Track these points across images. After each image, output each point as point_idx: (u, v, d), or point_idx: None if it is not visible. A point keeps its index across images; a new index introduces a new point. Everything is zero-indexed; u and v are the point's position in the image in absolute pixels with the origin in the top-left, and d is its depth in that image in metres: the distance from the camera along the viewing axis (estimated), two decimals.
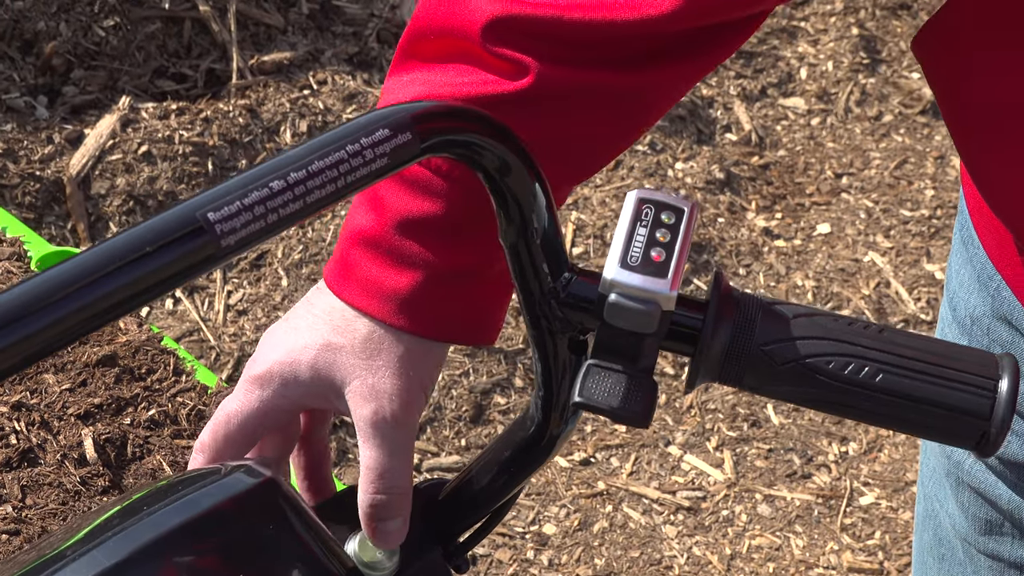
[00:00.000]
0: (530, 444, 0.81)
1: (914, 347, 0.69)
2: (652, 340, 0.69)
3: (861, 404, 0.69)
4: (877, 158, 3.01)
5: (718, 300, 0.70)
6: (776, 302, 0.71)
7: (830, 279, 2.74)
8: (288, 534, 0.72)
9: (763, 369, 0.69)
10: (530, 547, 2.22)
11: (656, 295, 0.67)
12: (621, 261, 0.68)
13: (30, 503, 1.28)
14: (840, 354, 0.68)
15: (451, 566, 0.89)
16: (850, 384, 0.68)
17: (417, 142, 0.65)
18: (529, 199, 0.70)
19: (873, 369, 0.68)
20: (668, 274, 0.68)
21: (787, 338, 0.69)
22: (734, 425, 2.44)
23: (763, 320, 0.69)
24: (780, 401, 0.73)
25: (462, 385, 2.42)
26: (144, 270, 0.57)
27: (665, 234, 0.69)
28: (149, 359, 1.46)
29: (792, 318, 0.70)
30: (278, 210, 0.61)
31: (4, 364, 0.54)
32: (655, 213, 0.69)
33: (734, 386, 0.71)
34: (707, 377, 0.71)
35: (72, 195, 2.51)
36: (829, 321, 0.70)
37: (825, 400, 0.69)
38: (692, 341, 0.70)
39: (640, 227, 0.69)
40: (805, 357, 0.69)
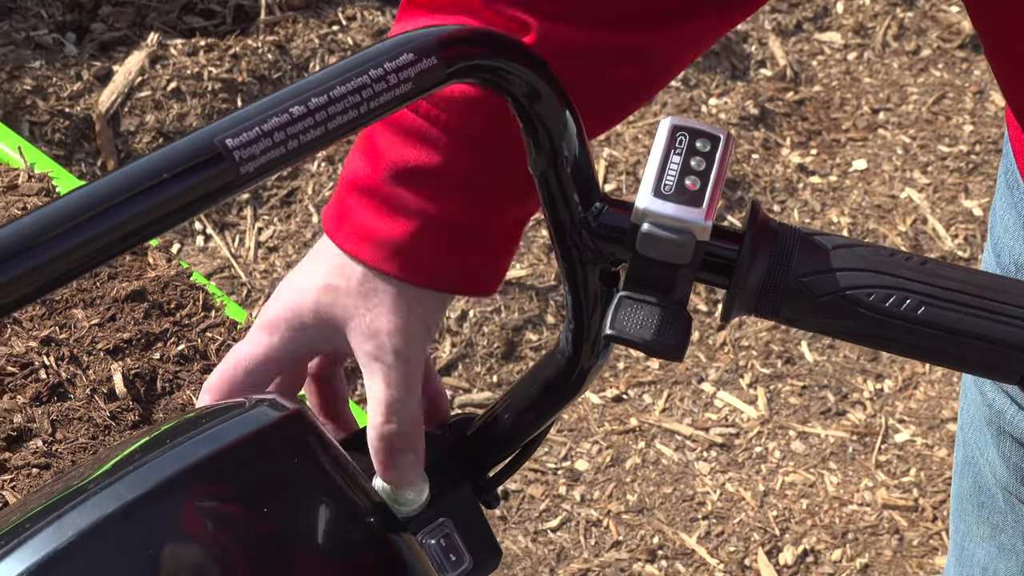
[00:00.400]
0: (560, 379, 0.79)
1: (958, 279, 0.67)
2: (686, 271, 0.67)
3: (902, 338, 0.67)
4: (915, 93, 2.96)
5: (754, 230, 0.68)
6: (815, 233, 0.69)
7: (866, 216, 2.70)
8: (314, 467, 0.71)
9: (801, 302, 0.67)
10: (562, 483, 2.22)
11: (690, 225, 0.65)
12: (654, 190, 0.66)
13: (60, 437, 1.28)
14: (881, 286, 0.66)
15: (481, 501, 0.88)
16: (891, 317, 0.66)
17: (443, 67, 0.63)
18: (559, 127, 0.68)
19: (915, 301, 0.66)
20: (703, 203, 0.66)
21: (826, 270, 0.67)
22: (768, 362, 2.43)
23: (801, 251, 0.67)
24: (818, 334, 0.72)
25: (493, 322, 2.41)
26: (161, 197, 0.56)
27: (700, 162, 0.67)
28: (178, 294, 1.45)
29: (831, 249, 0.68)
30: (298, 136, 0.59)
31: (22, 291, 0.53)
32: (690, 141, 0.67)
33: (771, 319, 0.69)
34: (743, 310, 0.69)
35: (101, 132, 2.50)
36: (870, 252, 0.68)
37: (864, 334, 0.67)
38: (727, 273, 0.68)
39: (674, 155, 0.67)
40: (844, 289, 0.67)
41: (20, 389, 1.31)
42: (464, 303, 2.44)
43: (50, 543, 0.65)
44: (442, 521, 0.84)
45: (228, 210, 2.51)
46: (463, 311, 2.43)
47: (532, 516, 2.17)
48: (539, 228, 2.57)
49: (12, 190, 1.58)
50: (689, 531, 2.17)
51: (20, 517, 0.70)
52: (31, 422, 1.28)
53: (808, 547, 2.16)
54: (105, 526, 0.66)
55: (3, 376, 1.32)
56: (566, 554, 2.13)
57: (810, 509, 2.21)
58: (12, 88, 2.50)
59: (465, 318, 2.42)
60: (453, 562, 0.84)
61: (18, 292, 0.53)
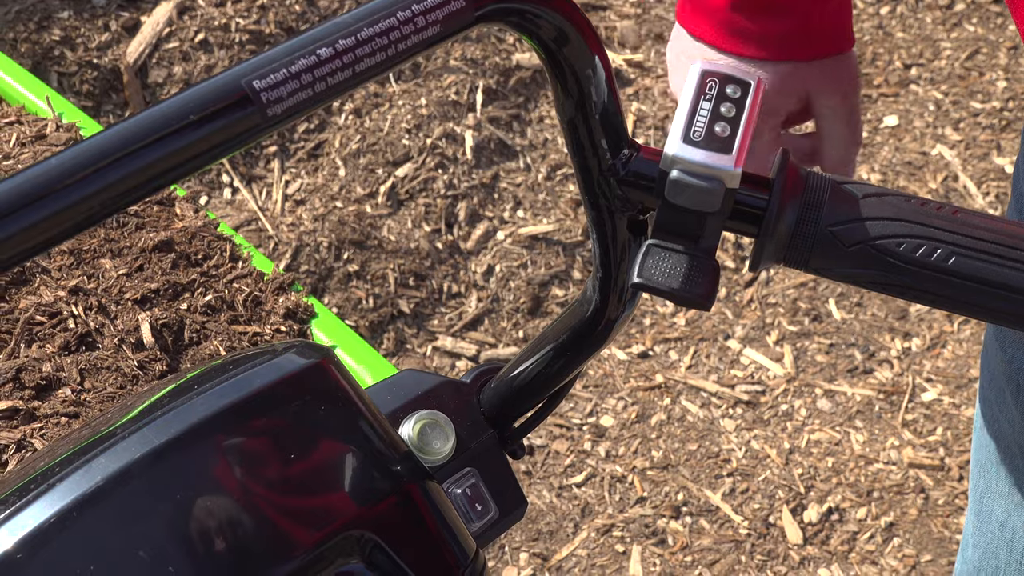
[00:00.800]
0: (587, 328, 0.79)
1: (990, 229, 0.66)
2: (715, 219, 0.66)
3: (932, 288, 0.66)
4: (948, 48, 2.92)
5: (784, 179, 0.67)
6: (846, 181, 0.68)
7: (896, 172, 2.68)
8: (340, 415, 0.71)
9: (830, 251, 0.66)
10: (587, 438, 2.22)
11: (720, 172, 0.65)
12: (684, 136, 0.65)
13: (88, 387, 1.29)
14: (911, 235, 0.65)
15: (506, 452, 0.88)
16: (920, 267, 0.65)
17: (471, 9, 0.62)
18: (587, 72, 0.67)
19: (946, 252, 0.65)
20: (733, 150, 0.65)
21: (856, 219, 0.66)
22: (795, 319, 2.41)
23: (831, 200, 0.66)
24: (847, 285, 0.70)
25: (520, 277, 2.41)
26: (187, 140, 0.56)
27: (730, 108, 0.66)
28: (205, 245, 1.45)
29: (861, 198, 0.67)
30: (326, 79, 0.58)
31: (51, 232, 0.53)
32: (720, 86, 0.66)
33: (799, 269, 0.69)
34: (772, 259, 0.68)
35: (130, 83, 2.50)
36: (901, 201, 0.67)
37: (894, 284, 0.66)
38: (756, 221, 0.68)
39: (704, 101, 0.66)
40: (874, 239, 0.66)
41: (49, 338, 1.32)
42: (490, 258, 2.44)
43: (78, 488, 0.66)
44: (468, 471, 0.84)
45: (255, 163, 2.51)
46: (489, 265, 2.42)
47: (557, 471, 2.18)
48: (565, 183, 2.56)
49: (40, 139, 1.58)
50: (714, 488, 2.17)
51: (48, 462, 0.70)
52: (60, 371, 1.29)
53: (833, 505, 2.16)
54: (133, 471, 0.66)
55: (32, 325, 1.32)
56: (590, 509, 2.13)
57: (835, 467, 2.21)
58: (40, 39, 2.50)
59: (491, 273, 2.41)
60: (479, 511, 0.84)
61: (52, 232, 0.53)
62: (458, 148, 2.54)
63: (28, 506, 0.66)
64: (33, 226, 0.53)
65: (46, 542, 0.64)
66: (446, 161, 2.51)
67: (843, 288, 2.46)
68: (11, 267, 0.52)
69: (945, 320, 2.43)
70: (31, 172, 0.53)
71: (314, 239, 2.37)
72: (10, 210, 0.51)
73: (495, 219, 2.49)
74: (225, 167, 2.50)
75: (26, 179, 0.53)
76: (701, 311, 2.31)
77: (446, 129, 2.54)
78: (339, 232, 2.38)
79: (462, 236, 2.46)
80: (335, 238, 2.37)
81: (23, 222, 0.51)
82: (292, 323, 1.41)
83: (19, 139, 1.57)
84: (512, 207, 2.52)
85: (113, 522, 0.65)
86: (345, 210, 2.42)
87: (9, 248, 0.52)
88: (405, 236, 2.41)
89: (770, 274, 2.49)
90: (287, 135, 2.54)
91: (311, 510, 0.68)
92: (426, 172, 2.49)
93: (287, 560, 0.66)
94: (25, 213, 0.52)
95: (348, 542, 0.68)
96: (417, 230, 2.43)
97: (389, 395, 0.85)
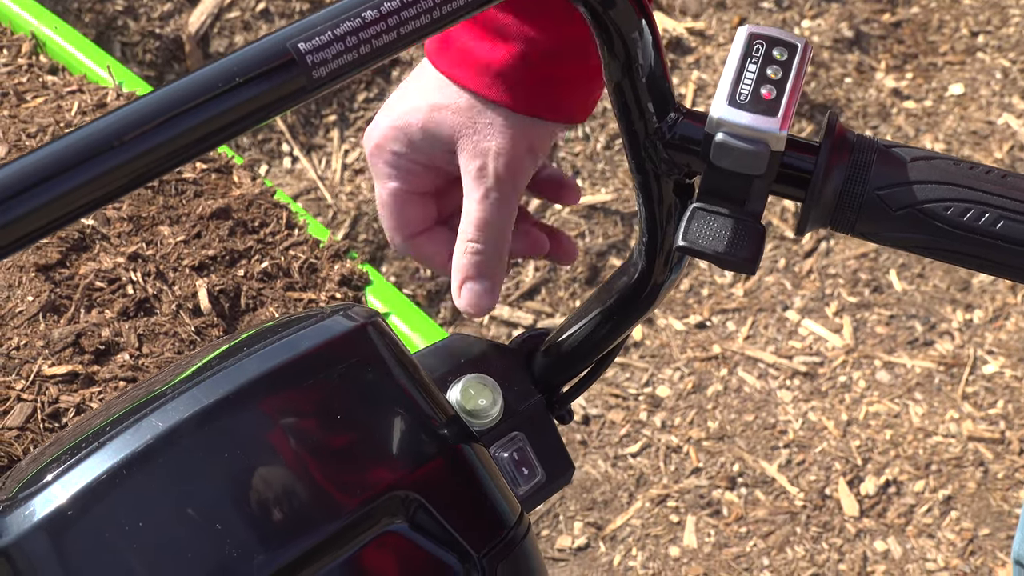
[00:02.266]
0: (633, 292, 0.79)
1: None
2: (761, 183, 0.66)
3: (980, 253, 0.65)
4: (1016, 15, 2.87)
5: (831, 142, 0.66)
6: (893, 145, 0.67)
7: (961, 142, 2.64)
8: (386, 379, 0.72)
9: (877, 215, 0.66)
10: (643, 408, 2.22)
11: (765, 134, 0.64)
12: (729, 99, 0.65)
13: (146, 351, 1.31)
14: (959, 199, 0.65)
15: (554, 416, 0.88)
16: (969, 231, 0.65)
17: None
18: (634, 35, 0.67)
19: (994, 215, 0.64)
20: (779, 112, 0.64)
21: (903, 182, 0.65)
22: (855, 290, 2.39)
23: (878, 163, 0.66)
24: (895, 249, 0.70)
25: (578, 247, 2.41)
26: (234, 101, 0.56)
27: (776, 71, 0.65)
28: (262, 212, 1.47)
29: (909, 161, 0.66)
30: (371, 41, 0.59)
31: (99, 192, 0.54)
32: (766, 49, 0.66)
33: (846, 232, 0.68)
34: (818, 223, 0.68)
35: (191, 53, 2.52)
36: (949, 165, 0.66)
37: (942, 248, 0.66)
38: (803, 185, 0.67)
39: (750, 63, 0.66)
40: (922, 202, 0.65)
41: (108, 304, 1.34)
42: None
43: (129, 447, 0.67)
44: (515, 435, 0.84)
45: (315, 132, 2.53)
46: None
47: (612, 441, 2.18)
48: (624, 153, 2.55)
49: (101, 108, 1.60)
50: (770, 459, 2.16)
51: (102, 422, 0.71)
52: (118, 336, 1.31)
53: (891, 477, 2.14)
54: (182, 430, 0.67)
55: (92, 291, 1.34)
56: (645, 479, 2.13)
57: (894, 440, 2.19)
58: (104, 9, 2.53)
59: None
60: (526, 475, 0.84)
61: (109, 187, 0.54)
62: None
63: (80, 463, 0.67)
64: (84, 184, 0.53)
65: (98, 499, 0.66)
66: None
67: (904, 258, 2.44)
68: (64, 225, 0.53)
69: (1009, 291, 2.40)
70: (83, 132, 0.54)
71: (372, 208, 2.38)
72: (60, 169, 0.52)
73: None
74: (285, 136, 2.51)
75: (78, 138, 0.54)
76: (748, 275, 2.30)
77: None
78: None
79: (521, 205, 2.46)
80: None
81: (76, 180, 0.52)
82: (347, 290, 1.42)
83: (80, 108, 1.59)
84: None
85: (162, 481, 0.66)
86: None
87: (62, 207, 0.53)
88: None
89: (830, 244, 2.47)
90: (346, 104, 2.55)
91: (356, 471, 0.69)
92: None
93: (332, 520, 0.67)
94: (75, 172, 0.53)
95: (393, 503, 0.69)
96: None
97: (437, 359, 0.86)
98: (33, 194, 0.52)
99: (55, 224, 0.53)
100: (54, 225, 0.53)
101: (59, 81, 1.65)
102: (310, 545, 0.67)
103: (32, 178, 0.52)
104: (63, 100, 1.61)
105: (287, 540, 0.67)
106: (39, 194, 0.52)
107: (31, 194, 0.52)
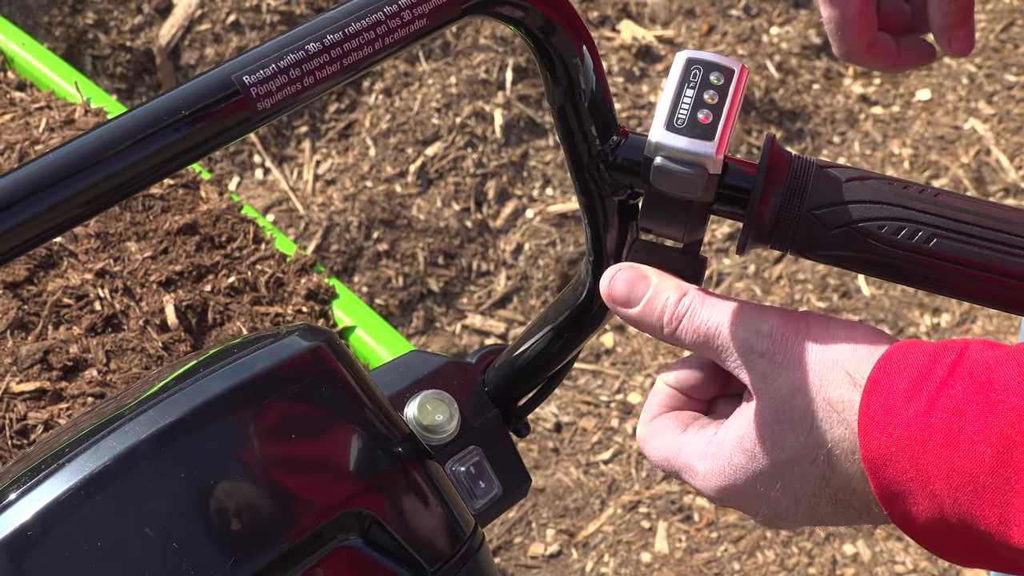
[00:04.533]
0: (582, 310, 0.80)
1: (971, 211, 0.67)
2: (699, 204, 0.68)
3: (914, 270, 0.67)
4: (982, 20, 2.90)
5: (768, 163, 0.68)
6: (830, 165, 0.69)
7: (928, 147, 2.67)
8: (340, 397, 0.73)
9: (814, 234, 0.68)
10: (615, 415, 2.24)
11: (702, 158, 0.66)
12: (667, 123, 0.66)
13: (114, 367, 1.32)
14: (892, 218, 0.67)
15: (511, 430, 0.90)
16: (902, 249, 0.67)
17: (458, 3, 0.64)
18: (575, 60, 0.69)
19: (927, 234, 0.66)
20: (715, 137, 0.66)
21: (839, 202, 0.67)
22: (824, 296, 2.42)
23: (814, 184, 0.68)
24: (832, 266, 0.71)
25: (548, 255, 2.43)
26: (180, 134, 0.58)
27: (713, 95, 0.67)
28: (229, 227, 1.48)
29: (844, 181, 0.68)
30: (314, 73, 0.60)
31: (45, 227, 0.55)
32: (703, 74, 0.68)
33: (785, 251, 0.70)
34: (758, 242, 0.70)
35: (162, 65, 2.53)
36: (883, 184, 0.68)
37: (877, 265, 0.68)
38: (743, 205, 0.69)
39: (688, 88, 0.67)
40: (857, 221, 0.67)
41: (76, 320, 1.35)
42: (519, 236, 2.45)
43: (85, 469, 0.68)
44: (472, 449, 0.86)
45: (287, 143, 2.54)
46: (519, 244, 2.44)
47: (584, 448, 2.20)
48: None
49: (69, 124, 1.61)
50: None
51: (60, 445, 0.73)
52: (86, 352, 1.32)
53: None
54: (138, 451, 0.69)
55: (59, 308, 1.36)
56: (617, 486, 2.15)
57: None
58: (75, 22, 2.54)
59: (520, 251, 2.43)
60: (483, 488, 0.85)
61: (49, 224, 0.56)
62: (487, 127, 2.55)
63: (41, 484, 0.69)
64: (30, 220, 0.55)
65: (58, 519, 0.67)
66: (475, 140, 2.53)
67: None
68: (5, 261, 0.54)
69: None
70: (29, 167, 0.56)
71: (344, 218, 2.39)
72: (4, 205, 0.54)
73: (524, 197, 2.51)
74: (257, 147, 2.52)
75: (24, 173, 0.56)
76: None
77: (475, 108, 2.56)
78: (369, 211, 2.40)
79: (491, 215, 2.47)
80: (365, 217, 2.40)
81: (17, 217, 0.54)
82: (314, 304, 1.44)
83: (48, 124, 1.60)
84: (541, 185, 2.53)
85: (120, 501, 0.67)
86: (375, 189, 2.44)
87: (5, 242, 0.54)
88: (434, 215, 2.43)
89: None
90: (318, 115, 2.56)
91: (310, 488, 0.70)
92: (455, 151, 2.51)
93: (287, 536, 0.69)
94: (21, 207, 0.54)
95: (347, 519, 0.71)
96: (446, 209, 2.45)
97: (395, 375, 0.87)
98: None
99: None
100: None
101: (27, 97, 1.66)
102: (266, 561, 0.68)
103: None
104: (31, 116, 1.62)
105: (243, 557, 0.68)
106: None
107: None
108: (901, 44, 0.97)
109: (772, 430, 0.67)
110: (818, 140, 2.68)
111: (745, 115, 2.66)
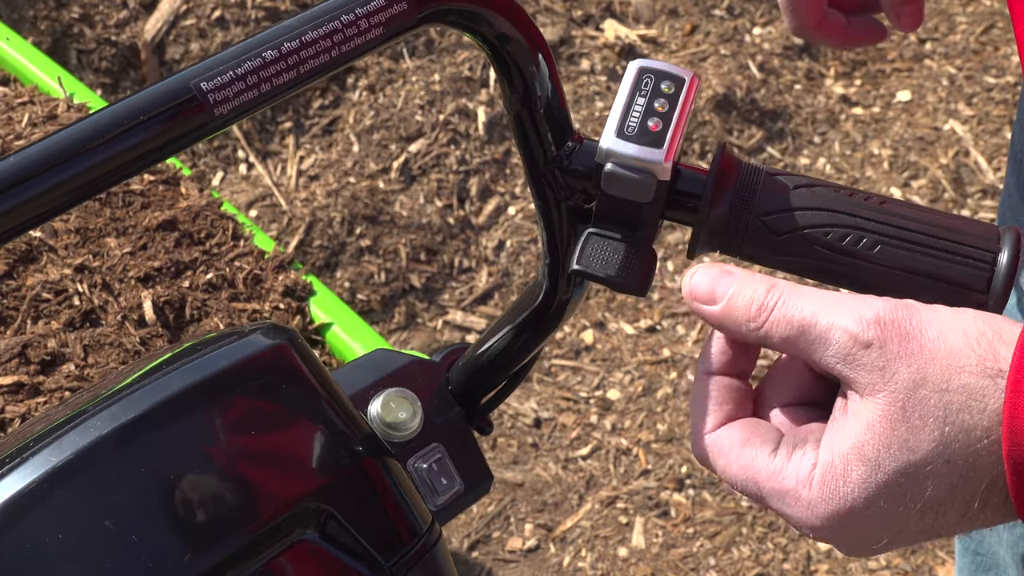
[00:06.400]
0: (541, 311, 0.82)
1: (915, 219, 0.68)
2: (651, 209, 0.70)
3: (859, 275, 0.69)
4: (963, 23, 2.92)
5: (718, 170, 0.70)
6: (778, 172, 0.71)
7: (908, 148, 2.69)
8: (300, 394, 0.75)
9: (762, 239, 0.70)
10: (594, 412, 2.26)
11: (651, 164, 0.68)
12: (618, 131, 0.68)
13: (92, 362, 1.33)
14: (838, 225, 0.68)
15: (473, 428, 0.92)
16: (847, 255, 0.68)
17: (414, 12, 0.65)
18: (531, 68, 0.70)
19: (871, 240, 0.68)
20: (664, 144, 0.68)
21: (786, 208, 0.69)
22: None
23: (763, 190, 0.69)
24: (780, 271, 0.73)
25: (530, 252, 2.44)
26: (138, 138, 0.59)
27: (664, 104, 0.69)
28: (208, 224, 1.49)
29: (792, 188, 0.70)
30: (271, 80, 0.62)
31: (14, 223, 0.57)
32: (655, 83, 0.69)
33: (735, 256, 0.72)
34: (708, 247, 0.71)
35: (147, 60, 2.54)
36: (830, 192, 0.69)
37: (823, 271, 0.69)
38: (693, 210, 0.71)
39: (639, 96, 0.69)
40: (803, 228, 0.69)
41: (54, 315, 1.37)
42: (501, 232, 2.47)
43: (47, 463, 0.70)
44: (434, 446, 0.88)
45: (271, 139, 2.55)
46: (500, 240, 2.46)
47: (563, 444, 2.21)
48: None
49: (52, 120, 1.63)
50: None
51: (43, 428, 0.74)
52: (64, 347, 1.33)
53: None
54: (99, 447, 0.70)
55: (38, 302, 1.37)
56: (595, 481, 2.17)
57: None
58: (60, 16, 2.55)
59: (502, 248, 2.45)
60: (444, 485, 0.87)
61: (8, 225, 0.57)
62: (470, 124, 2.57)
63: (4, 477, 0.70)
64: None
65: (19, 513, 0.69)
66: (458, 137, 2.54)
67: None
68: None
69: None
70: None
71: (327, 214, 2.41)
72: None
73: (506, 194, 2.53)
74: (241, 143, 2.54)
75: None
76: (640, 298, 2.33)
77: (459, 105, 2.58)
78: (352, 207, 2.42)
79: (473, 211, 2.49)
80: (348, 213, 2.41)
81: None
82: (291, 300, 1.45)
83: (31, 119, 1.61)
84: (523, 182, 2.55)
85: (81, 495, 0.69)
86: (358, 185, 2.46)
87: None
88: (417, 211, 2.45)
89: None
90: (301, 111, 2.58)
91: (268, 483, 0.72)
92: (438, 148, 2.53)
93: (244, 530, 0.70)
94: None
95: (304, 513, 0.72)
96: (429, 205, 2.46)
97: (360, 373, 0.89)
98: None
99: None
100: None
101: (10, 92, 1.67)
102: (224, 555, 0.70)
103: None
104: (14, 112, 1.64)
105: (202, 550, 0.70)
106: None
107: None
108: (852, 21, 1.01)
109: (897, 430, 0.59)
110: (799, 140, 2.69)
111: (727, 114, 2.68)
